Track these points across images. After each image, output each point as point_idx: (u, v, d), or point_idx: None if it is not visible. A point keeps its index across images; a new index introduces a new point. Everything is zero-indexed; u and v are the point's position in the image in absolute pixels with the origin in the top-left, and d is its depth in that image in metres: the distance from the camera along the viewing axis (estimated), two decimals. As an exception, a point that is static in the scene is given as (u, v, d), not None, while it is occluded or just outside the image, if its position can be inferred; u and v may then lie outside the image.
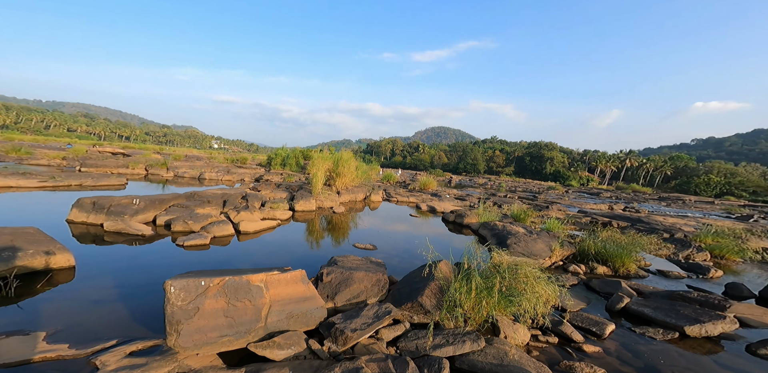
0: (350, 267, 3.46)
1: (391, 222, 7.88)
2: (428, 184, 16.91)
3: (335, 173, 10.65)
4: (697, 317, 3.18)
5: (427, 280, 3.06)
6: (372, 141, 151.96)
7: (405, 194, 12.79)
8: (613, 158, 73.43)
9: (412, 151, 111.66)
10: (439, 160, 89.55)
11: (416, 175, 38.77)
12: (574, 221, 9.49)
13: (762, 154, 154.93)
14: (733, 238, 7.26)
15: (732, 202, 33.61)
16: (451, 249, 5.15)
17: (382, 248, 5.23)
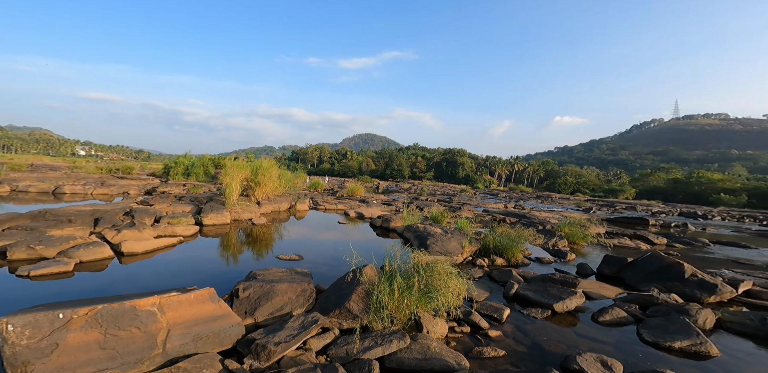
0: (272, 280, 3.29)
1: (319, 231, 7.65)
2: (356, 191, 16.66)
3: (254, 183, 9.73)
4: (560, 295, 3.67)
5: (353, 285, 3.06)
6: (297, 148, 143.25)
7: (333, 202, 12.44)
8: (506, 163, 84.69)
9: (340, 158, 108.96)
10: (367, 167, 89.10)
11: (344, 182, 38.13)
12: (480, 220, 10.64)
13: (596, 159, 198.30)
14: (580, 227, 8.31)
15: (580, 198, 42.03)
16: (378, 253, 5.20)
17: (308, 258, 5.06)
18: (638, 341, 2.88)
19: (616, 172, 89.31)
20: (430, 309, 2.96)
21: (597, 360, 2.34)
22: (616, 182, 68.84)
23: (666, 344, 2.70)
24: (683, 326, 2.83)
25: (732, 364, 2.52)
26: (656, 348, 2.73)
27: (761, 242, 10.16)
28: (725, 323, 3.18)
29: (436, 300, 2.83)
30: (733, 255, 7.43)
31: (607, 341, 2.89)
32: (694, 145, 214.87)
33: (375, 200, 15.22)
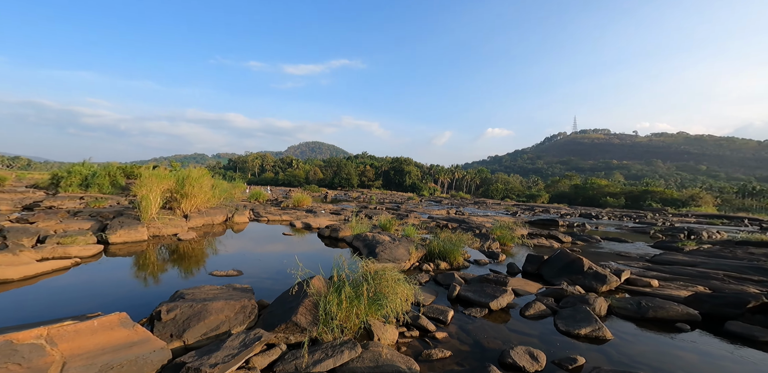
0: (204, 299, 3.01)
1: (261, 243, 7.19)
2: (303, 201, 15.95)
3: (180, 194, 8.64)
4: (494, 294, 3.92)
5: (299, 298, 2.93)
6: (235, 156, 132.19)
7: (277, 213, 11.76)
8: (447, 172, 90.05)
9: (285, 167, 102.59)
10: (315, 176, 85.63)
11: (290, 191, 36.45)
12: (425, 226, 11.10)
13: (520, 168, 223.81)
14: (508, 229, 9.01)
15: (509, 203, 46.69)
16: (326, 264, 5.07)
17: (249, 273, 4.73)
18: (555, 331, 3.27)
19: (535, 179, 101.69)
20: (380, 316, 2.94)
21: (526, 353, 2.62)
22: (534, 188, 78.20)
23: (575, 332, 3.14)
24: (586, 315, 3.33)
25: (622, 345, 3.00)
26: (568, 336, 3.14)
27: (636, 236, 12.44)
28: (614, 309, 3.81)
29: (386, 307, 2.83)
30: (617, 249, 8.97)
31: (533, 333, 3.23)
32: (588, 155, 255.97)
33: (323, 209, 14.80)
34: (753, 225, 21.47)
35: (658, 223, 19.43)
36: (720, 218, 26.01)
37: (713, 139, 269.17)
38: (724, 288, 4.70)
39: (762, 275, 5.53)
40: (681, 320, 3.54)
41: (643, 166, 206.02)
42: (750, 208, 55.18)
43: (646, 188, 59.71)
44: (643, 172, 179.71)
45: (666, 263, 6.81)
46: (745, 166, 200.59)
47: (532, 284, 4.93)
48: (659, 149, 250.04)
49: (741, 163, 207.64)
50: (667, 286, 4.91)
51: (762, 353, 2.90)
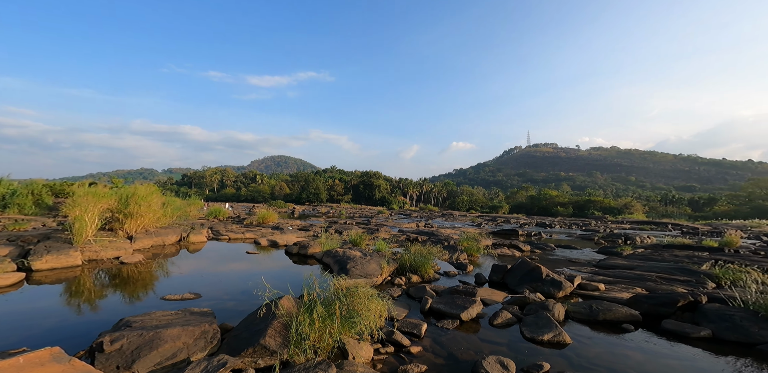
0: (156, 326, 2.78)
1: (222, 263, 6.76)
2: (268, 217, 15.12)
3: (124, 214, 7.85)
4: (464, 305, 4.01)
5: (267, 320, 2.79)
6: (191, 171, 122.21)
7: (239, 230, 11.12)
8: (416, 185, 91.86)
9: (249, 182, 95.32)
10: (281, 191, 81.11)
11: (253, 208, 34.81)
12: (396, 240, 11.12)
13: (482, 180, 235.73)
14: (474, 241, 9.28)
15: (474, 214, 48.63)
16: (295, 283, 4.82)
17: (209, 295, 4.43)
18: (522, 338, 3.41)
19: (496, 191, 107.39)
20: (354, 334, 2.87)
21: (497, 362, 2.68)
22: (496, 200, 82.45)
23: (539, 338, 3.30)
24: (547, 322, 3.52)
25: (580, 348, 3.20)
26: (533, 343, 3.29)
27: (583, 243, 13.55)
28: (570, 313, 4.08)
29: (360, 324, 2.78)
30: (568, 255, 9.68)
31: (502, 341, 3.34)
32: (540, 168, 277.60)
33: (290, 226, 14.24)
34: (675, 230, 24.46)
35: (600, 230, 21.36)
36: (649, 224, 29.29)
37: (639, 153, 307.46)
38: (657, 289, 5.25)
39: (687, 275, 6.29)
40: (626, 321, 3.88)
41: (586, 177, 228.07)
42: (671, 214, 62.99)
43: (589, 198, 65.80)
44: (585, 183, 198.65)
45: (609, 268, 7.47)
46: (665, 177, 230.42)
47: (498, 293, 5.11)
48: (597, 162, 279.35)
49: (662, 174, 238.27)
50: (611, 289, 5.37)
51: (695, 349, 3.24)
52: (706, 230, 22.79)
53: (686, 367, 2.84)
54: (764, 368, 2.84)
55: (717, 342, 3.40)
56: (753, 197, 62.81)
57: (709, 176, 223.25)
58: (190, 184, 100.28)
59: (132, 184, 9.05)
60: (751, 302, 3.78)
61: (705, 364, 2.92)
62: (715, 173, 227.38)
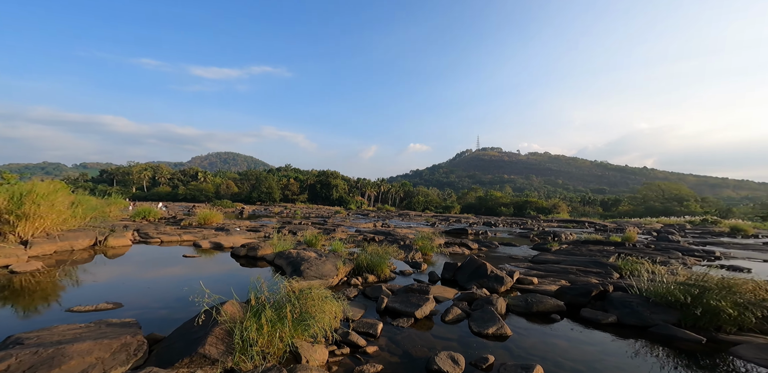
0: (58, 341, 2.46)
1: (151, 269, 6.11)
2: (211, 218, 13.88)
3: (16, 215, 6.77)
4: (418, 302, 4.12)
5: (207, 327, 2.60)
6: (112, 166, 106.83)
7: (175, 232, 10.10)
8: (374, 185, 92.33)
9: (188, 180, 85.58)
10: (228, 190, 74.79)
11: (194, 208, 31.87)
12: (353, 240, 11.06)
13: (437, 181, 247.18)
14: (428, 240, 9.46)
15: (429, 214, 50.68)
16: (242, 287, 4.61)
17: (134, 304, 4.00)
18: (470, 332, 3.64)
19: (449, 192, 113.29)
20: (308, 337, 2.81)
21: (448, 357, 2.84)
22: (449, 200, 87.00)
23: (485, 332, 3.57)
24: (491, 316, 3.83)
25: (519, 340, 3.52)
26: (480, 336, 3.55)
27: (521, 241, 15.04)
28: (510, 307, 4.50)
29: (314, 326, 2.72)
30: (509, 252, 10.67)
31: (453, 337, 3.54)
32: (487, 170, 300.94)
33: (238, 227, 13.27)
34: (590, 227, 28.51)
35: (535, 228, 23.93)
36: (572, 223, 33.67)
37: (565, 159, 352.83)
38: (577, 281, 6.06)
39: (598, 268, 7.38)
40: (554, 311, 4.41)
41: (524, 180, 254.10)
42: (588, 213, 73.39)
43: (526, 199, 73.31)
44: (524, 185, 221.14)
45: (541, 262, 8.41)
46: (584, 181, 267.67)
47: (450, 290, 5.41)
48: (533, 166, 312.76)
49: (582, 178, 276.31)
50: (543, 282, 6.06)
51: (605, 334, 3.78)
52: (613, 227, 27.01)
53: (599, 351, 3.30)
54: (656, 347, 3.42)
55: (621, 327, 3.99)
56: (646, 198, 76.48)
57: (615, 180, 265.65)
58: (111, 181, 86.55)
59: (29, 181, 7.70)
60: (644, 289, 4.52)
61: (612, 347, 3.42)
62: (620, 178, 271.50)
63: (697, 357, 3.16)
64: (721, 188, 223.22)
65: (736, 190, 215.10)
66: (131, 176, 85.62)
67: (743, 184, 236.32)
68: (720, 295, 3.78)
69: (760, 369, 2.90)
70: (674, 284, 4.27)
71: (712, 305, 3.72)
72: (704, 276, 4.26)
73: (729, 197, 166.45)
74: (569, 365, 2.96)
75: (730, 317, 3.65)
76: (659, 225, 32.35)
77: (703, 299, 3.82)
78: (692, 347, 3.38)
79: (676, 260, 8.79)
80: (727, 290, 3.83)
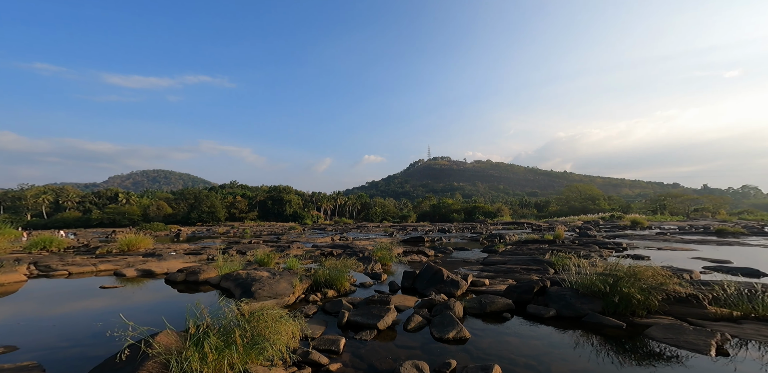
0: None
1: (56, 305, 5.18)
2: (137, 243, 12.24)
3: None
4: (380, 313, 4.06)
5: (136, 362, 2.30)
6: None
7: (88, 262, 8.77)
8: (330, 198, 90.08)
9: (105, 203, 74.55)
10: (159, 212, 65.77)
11: (113, 233, 27.99)
12: (310, 255, 10.59)
13: (393, 192, 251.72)
14: (387, 250, 9.95)
15: (386, 224, 51.06)
16: (178, 315, 4.07)
17: (34, 345, 3.41)
18: (432, 339, 3.69)
19: (405, 202, 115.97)
20: (264, 360, 2.61)
21: (413, 367, 2.82)
22: (405, 210, 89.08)
23: (445, 337, 3.65)
24: (450, 320, 3.95)
25: (477, 341, 3.65)
26: (441, 342, 3.61)
27: (473, 244, 16.00)
28: (467, 309, 4.69)
29: (269, 349, 2.55)
30: (463, 256, 11.25)
31: (416, 345, 3.54)
32: (439, 179, 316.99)
33: (173, 251, 11.86)
34: (528, 227, 31.71)
35: (483, 232, 25.75)
36: (513, 224, 37.10)
37: (504, 165, 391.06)
38: (522, 279, 6.62)
39: (537, 265, 8.18)
40: (505, 310, 4.70)
41: (471, 186, 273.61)
42: (526, 215, 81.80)
43: (474, 205, 78.87)
44: (471, 192, 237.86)
45: (491, 264, 9.03)
46: (520, 185, 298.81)
47: (410, 298, 5.45)
48: (479, 173, 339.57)
49: (518, 183, 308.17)
50: (494, 282, 6.49)
51: (548, 327, 4.12)
52: (546, 227, 30.40)
53: (546, 344, 3.58)
54: (589, 336, 3.81)
55: (560, 319, 4.38)
56: (569, 199, 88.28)
57: (545, 184, 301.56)
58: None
59: None
60: (574, 282, 4.99)
61: (556, 339, 3.75)
62: (548, 181, 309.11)
63: (621, 342, 3.59)
64: (621, 187, 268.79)
65: (631, 188, 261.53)
66: (24, 202, 69.58)
67: (636, 184, 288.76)
68: (629, 282, 4.31)
69: (670, 348, 3.35)
70: (595, 276, 4.75)
71: (624, 292, 4.23)
72: (616, 266, 4.79)
73: (627, 194, 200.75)
74: (522, 361, 3.17)
75: (639, 302, 4.18)
76: (580, 222, 37.45)
77: (617, 287, 4.34)
78: (617, 333, 3.82)
79: (594, 253, 10.16)
80: (634, 278, 4.35)
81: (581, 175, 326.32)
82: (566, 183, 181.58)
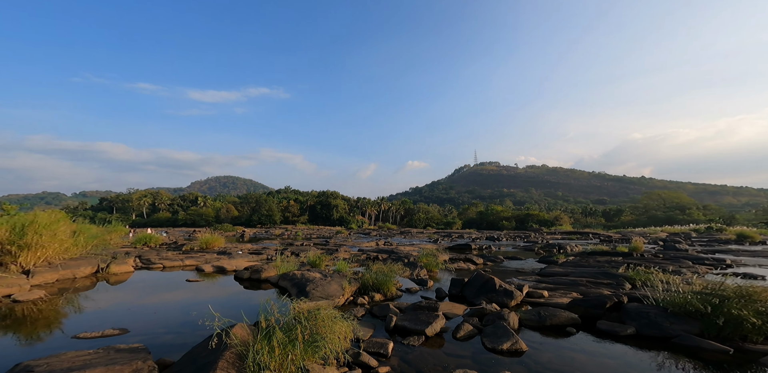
0: (68, 368, 2.40)
1: (155, 294, 6.00)
2: (213, 242, 13.82)
3: (18, 246, 6.76)
4: (428, 320, 3.99)
5: (218, 351, 2.52)
6: (111, 194, 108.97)
7: (177, 258, 10.00)
8: (374, 204, 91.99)
9: (188, 205, 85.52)
10: (228, 214, 73.95)
11: (194, 232, 31.86)
12: (356, 259, 10.87)
13: (437, 198, 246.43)
14: (432, 256, 9.78)
15: (430, 231, 50.09)
16: (249, 309, 4.47)
17: (140, 329, 3.91)
18: (483, 349, 3.50)
19: (449, 208, 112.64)
20: (318, 359, 2.70)
21: (463, 376, 2.70)
22: (450, 216, 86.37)
23: (499, 348, 3.42)
24: (504, 331, 3.69)
25: (535, 354, 3.37)
26: (494, 352, 3.40)
27: (526, 254, 14.76)
28: (523, 321, 4.34)
29: (324, 348, 2.64)
30: (515, 266, 10.44)
31: (466, 354, 3.38)
32: (486, 185, 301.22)
33: (240, 250, 13.10)
34: (595, 238, 28.11)
35: (538, 241, 23.58)
36: (575, 234, 33.23)
37: (563, 171, 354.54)
38: (589, 292, 5.89)
39: (609, 279, 7.19)
40: (568, 324, 4.25)
41: (524, 193, 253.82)
42: (591, 224, 72.65)
43: (528, 212, 72.82)
44: (524, 199, 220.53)
45: (549, 275, 8.21)
46: (583, 192, 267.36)
47: (458, 305, 5.24)
48: (532, 179, 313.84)
49: (581, 190, 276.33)
50: (553, 295, 5.88)
51: (624, 346, 3.63)
52: (617, 238, 26.60)
53: (621, 364, 3.15)
54: (680, 359, 3.27)
55: (640, 338, 3.84)
56: (648, 208, 76.09)
57: (615, 191, 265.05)
58: (110, 209, 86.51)
59: (31, 211, 7.73)
60: (661, 299, 4.38)
61: (634, 359, 3.27)
62: (620, 188, 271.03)
63: (726, 368, 3.01)
64: (720, 195, 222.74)
65: (736, 196, 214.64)
66: (131, 203, 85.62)
67: (742, 191, 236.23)
68: (740, 304, 3.68)
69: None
70: (691, 294, 4.15)
71: (734, 314, 3.60)
72: (721, 285, 4.16)
73: (730, 203, 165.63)
74: (591, 379, 2.81)
75: (753, 326, 3.52)
76: (664, 234, 31.92)
77: (723, 309, 3.71)
78: (719, 358, 3.24)
79: (687, 269, 8.59)
80: (747, 299, 3.73)
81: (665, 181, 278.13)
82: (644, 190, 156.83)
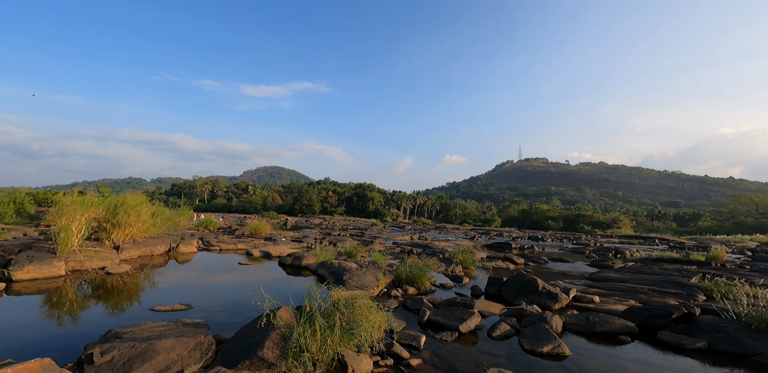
0: (148, 337, 2.72)
1: (213, 274, 6.63)
2: (261, 228, 14.97)
3: (111, 223, 7.63)
4: (462, 316, 3.95)
5: (266, 331, 2.73)
6: (181, 181, 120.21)
7: (231, 241, 10.91)
8: (409, 198, 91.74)
9: (240, 193, 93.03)
10: (273, 202, 79.13)
11: (245, 219, 34.45)
12: (391, 252, 11.02)
13: (475, 194, 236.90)
14: (469, 253, 9.33)
15: (467, 227, 48.60)
16: (291, 293, 4.82)
17: (201, 306, 4.33)
18: (521, 350, 3.37)
19: (488, 205, 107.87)
20: (353, 346, 2.82)
21: (497, 374, 2.64)
22: (488, 213, 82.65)
23: (538, 350, 3.26)
24: (546, 333, 3.49)
25: (579, 360, 3.17)
26: (533, 355, 3.25)
27: (575, 256, 13.61)
28: (568, 325, 4.06)
29: (359, 336, 2.74)
30: (561, 268, 9.70)
31: (501, 354, 3.29)
32: (531, 182, 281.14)
33: (283, 237, 14.02)
34: (662, 244, 24.80)
35: (591, 244, 21.54)
36: (637, 239, 29.64)
37: (626, 169, 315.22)
38: (650, 301, 5.28)
39: (677, 288, 6.35)
40: (622, 333, 3.88)
41: (575, 192, 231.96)
42: (658, 229, 63.97)
43: (579, 213, 66.61)
44: (575, 198, 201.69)
45: (602, 280, 7.50)
46: (651, 193, 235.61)
47: (495, 305, 5.07)
48: (586, 177, 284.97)
49: (647, 190, 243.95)
50: (606, 301, 5.38)
51: (692, 360, 3.25)
52: (692, 245, 23.16)
53: (683, 378, 2.82)
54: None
55: (712, 353, 3.42)
56: (735, 213, 64.52)
57: (692, 192, 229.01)
58: (179, 194, 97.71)
59: (121, 194, 9.05)
60: (744, 314, 3.84)
61: (701, 374, 2.90)
62: (698, 190, 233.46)
63: None
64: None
65: None
66: (195, 190, 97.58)
67: None
68: None
69: None
70: None
71: None
72: None
73: None
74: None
75: None
76: (754, 243, 26.99)
77: None
78: None
79: (782, 283, 7.20)
80: None
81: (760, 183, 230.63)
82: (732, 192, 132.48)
